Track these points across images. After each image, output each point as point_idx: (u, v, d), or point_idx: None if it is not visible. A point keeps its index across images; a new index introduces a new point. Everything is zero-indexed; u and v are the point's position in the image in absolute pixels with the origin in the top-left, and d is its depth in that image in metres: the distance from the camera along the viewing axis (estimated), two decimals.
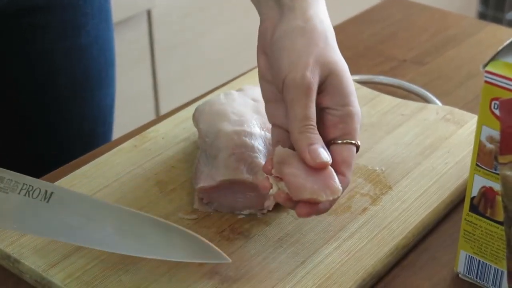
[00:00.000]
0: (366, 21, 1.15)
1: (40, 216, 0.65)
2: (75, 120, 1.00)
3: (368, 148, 0.83)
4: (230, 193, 0.73)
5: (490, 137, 0.60)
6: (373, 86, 0.95)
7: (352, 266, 0.68)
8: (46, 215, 0.65)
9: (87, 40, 0.96)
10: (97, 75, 1.00)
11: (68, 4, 0.93)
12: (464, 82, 0.99)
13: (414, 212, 0.74)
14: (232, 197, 0.73)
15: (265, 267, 0.68)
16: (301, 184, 0.64)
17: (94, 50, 0.98)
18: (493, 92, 0.59)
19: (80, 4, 0.94)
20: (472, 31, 1.12)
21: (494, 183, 0.61)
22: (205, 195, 0.73)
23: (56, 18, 0.92)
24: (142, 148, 0.83)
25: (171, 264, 0.68)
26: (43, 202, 0.65)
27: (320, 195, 0.63)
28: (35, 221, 0.66)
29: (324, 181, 0.64)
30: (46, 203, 0.65)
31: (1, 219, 0.66)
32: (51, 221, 0.65)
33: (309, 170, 0.64)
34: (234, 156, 0.72)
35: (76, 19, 0.94)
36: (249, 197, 0.73)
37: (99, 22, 0.97)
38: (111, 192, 0.77)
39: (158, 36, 1.77)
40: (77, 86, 0.98)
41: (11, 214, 0.66)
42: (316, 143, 0.64)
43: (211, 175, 0.73)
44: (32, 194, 0.65)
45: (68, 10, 0.93)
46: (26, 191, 0.65)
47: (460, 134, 0.85)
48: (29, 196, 0.65)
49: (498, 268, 0.65)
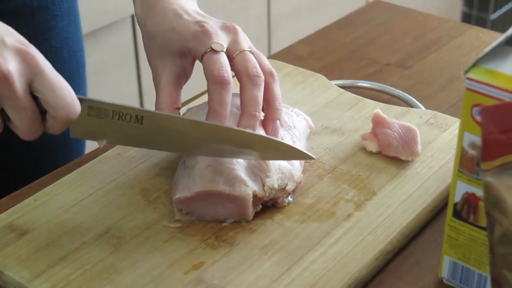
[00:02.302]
0: (349, 25, 1.16)
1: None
2: None
3: (352, 154, 0.83)
4: (208, 204, 0.73)
5: (472, 143, 0.61)
6: (356, 91, 0.96)
7: (337, 272, 0.68)
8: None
9: (57, 42, 0.96)
10: (69, 77, 0.99)
11: (38, 7, 0.93)
12: (447, 85, 1.00)
13: (399, 217, 0.74)
14: (212, 208, 0.73)
15: (250, 274, 0.68)
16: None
17: (64, 52, 0.98)
18: (474, 99, 0.59)
19: (49, 6, 0.94)
20: (455, 33, 1.13)
21: (477, 189, 0.62)
22: (183, 205, 0.73)
23: (26, 21, 0.92)
24: (126, 156, 0.83)
25: (156, 273, 0.68)
26: (138, 124, 0.71)
27: None
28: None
29: None
30: (140, 125, 0.71)
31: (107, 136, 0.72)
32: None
33: None
34: (211, 167, 0.73)
35: (45, 22, 0.94)
36: (228, 207, 0.73)
37: (68, 24, 0.97)
38: (95, 200, 0.77)
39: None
40: None
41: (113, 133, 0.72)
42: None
43: (188, 186, 0.73)
44: (125, 118, 0.71)
45: (37, 13, 0.93)
46: (118, 116, 0.71)
47: (444, 138, 0.85)
48: (123, 120, 0.71)
49: (482, 273, 0.65)
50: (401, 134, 0.81)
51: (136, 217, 0.74)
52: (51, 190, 0.78)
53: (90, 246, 0.71)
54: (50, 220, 0.74)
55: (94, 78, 1.60)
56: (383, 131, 0.82)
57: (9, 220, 0.74)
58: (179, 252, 0.70)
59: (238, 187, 0.72)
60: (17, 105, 0.65)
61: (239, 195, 0.72)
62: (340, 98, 0.93)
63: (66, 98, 0.67)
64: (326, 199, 0.76)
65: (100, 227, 0.73)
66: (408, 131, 0.82)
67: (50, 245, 0.71)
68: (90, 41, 1.57)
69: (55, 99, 0.66)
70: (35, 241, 0.72)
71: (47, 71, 0.66)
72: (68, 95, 0.67)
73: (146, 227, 0.73)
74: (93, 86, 1.52)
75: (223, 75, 0.72)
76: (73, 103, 0.67)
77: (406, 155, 0.81)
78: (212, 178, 0.72)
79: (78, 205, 0.76)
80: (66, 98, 0.67)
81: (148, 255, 0.70)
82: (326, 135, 0.86)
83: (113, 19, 1.68)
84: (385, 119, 0.83)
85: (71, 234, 0.73)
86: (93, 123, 0.71)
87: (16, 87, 0.64)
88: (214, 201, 0.73)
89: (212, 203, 0.73)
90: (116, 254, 0.70)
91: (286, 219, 0.74)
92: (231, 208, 0.73)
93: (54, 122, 0.68)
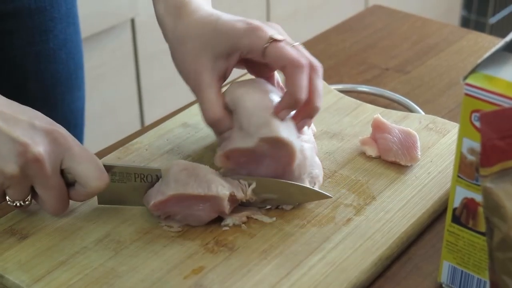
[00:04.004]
0: (348, 30, 1.16)
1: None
2: None
3: (351, 158, 0.83)
4: (184, 206, 0.73)
5: (471, 149, 0.61)
6: (356, 95, 0.96)
7: (336, 277, 0.68)
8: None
9: (55, 44, 0.96)
10: (67, 79, 1.00)
11: (36, 9, 0.93)
12: (446, 90, 1.00)
13: (398, 223, 0.74)
14: (188, 210, 0.73)
15: (250, 279, 0.68)
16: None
17: (62, 54, 0.98)
18: (473, 105, 0.59)
19: (47, 9, 0.94)
20: (454, 38, 1.13)
21: (476, 195, 0.62)
22: (159, 211, 0.74)
23: (24, 23, 0.93)
24: (126, 160, 0.83)
25: (155, 278, 0.68)
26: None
27: None
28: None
29: None
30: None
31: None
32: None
33: None
34: (186, 171, 0.73)
35: (43, 24, 0.95)
36: (202, 207, 0.73)
37: (67, 26, 0.98)
38: (95, 204, 0.77)
39: (142, 44, 1.77)
40: (47, 90, 0.99)
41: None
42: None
43: (161, 190, 0.73)
44: (146, 179, 0.75)
45: (35, 15, 0.93)
46: (140, 178, 0.74)
47: (443, 143, 0.85)
48: (145, 181, 0.75)
49: (481, 279, 0.65)
50: (401, 139, 0.82)
51: (135, 221, 0.75)
52: None
53: (90, 251, 0.71)
54: (50, 225, 0.74)
55: (93, 82, 1.61)
56: (383, 136, 0.82)
57: (9, 224, 0.75)
58: (178, 256, 0.70)
59: (215, 188, 0.72)
60: (47, 184, 0.71)
61: (215, 195, 0.72)
62: (340, 103, 0.93)
63: (95, 171, 0.71)
64: (326, 204, 0.76)
65: (99, 231, 0.73)
66: (408, 136, 0.82)
67: (50, 249, 0.72)
68: (89, 45, 1.57)
69: (85, 172, 0.71)
70: (35, 245, 0.72)
71: (76, 147, 0.71)
72: (97, 167, 0.72)
73: (146, 231, 0.73)
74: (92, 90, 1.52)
75: (300, 59, 0.72)
76: (102, 175, 0.72)
77: (406, 160, 0.81)
78: (187, 181, 0.73)
79: (77, 210, 0.76)
80: (96, 171, 0.71)
81: (148, 260, 0.70)
82: (325, 140, 0.86)
83: (112, 23, 1.68)
84: (385, 124, 0.83)
85: (71, 238, 0.73)
86: (117, 187, 0.74)
87: (47, 167, 0.69)
88: (189, 204, 0.73)
89: (188, 205, 0.73)
90: (116, 258, 0.70)
91: (285, 223, 0.74)
92: (206, 207, 0.73)
93: (83, 192, 0.72)
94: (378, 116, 0.84)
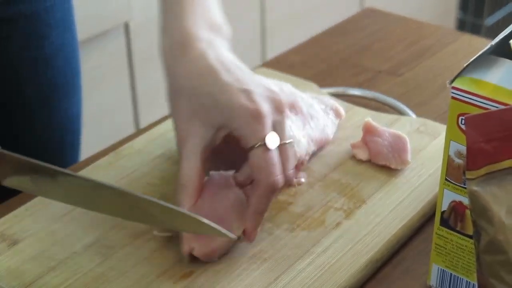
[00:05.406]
0: (342, 33, 1.16)
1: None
2: (43, 130, 1.00)
3: (342, 162, 0.83)
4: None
5: (458, 152, 0.61)
6: (347, 99, 0.96)
7: (325, 281, 0.68)
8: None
9: (51, 50, 0.96)
10: (63, 84, 1.00)
11: (31, 15, 0.93)
12: (439, 92, 1.00)
13: (388, 226, 0.74)
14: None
15: (239, 283, 0.68)
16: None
17: (59, 60, 0.98)
18: (460, 108, 0.59)
19: (43, 14, 0.94)
20: (448, 41, 1.13)
21: (463, 198, 0.62)
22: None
23: (19, 29, 0.93)
24: (117, 165, 0.83)
25: (145, 283, 0.68)
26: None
27: None
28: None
29: None
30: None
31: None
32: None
33: None
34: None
35: (39, 30, 0.95)
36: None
37: (63, 32, 0.98)
38: (86, 210, 0.76)
39: (136, 48, 1.77)
40: (44, 96, 0.99)
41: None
42: None
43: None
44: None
45: (31, 21, 0.93)
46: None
47: (434, 146, 0.85)
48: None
49: (470, 281, 0.65)
50: (391, 143, 0.82)
51: (125, 227, 0.74)
52: (42, 200, 0.78)
53: (80, 256, 0.71)
54: (40, 230, 0.74)
55: (88, 85, 1.60)
56: (373, 140, 0.82)
57: (0, 230, 0.75)
58: (168, 261, 0.70)
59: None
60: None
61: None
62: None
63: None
64: (316, 208, 0.76)
65: (90, 237, 0.73)
66: (398, 139, 0.82)
67: (40, 255, 0.72)
68: (83, 49, 1.57)
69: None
70: (25, 251, 0.72)
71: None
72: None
73: (136, 237, 0.73)
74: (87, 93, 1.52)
75: (277, 183, 0.67)
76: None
77: (396, 164, 0.81)
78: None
79: (68, 215, 0.76)
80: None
81: (138, 265, 0.70)
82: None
83: (107, 27, 1.68)
84: (376, 128, 0.83)
85: (61, 244, 0.73)
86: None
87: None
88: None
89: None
90: (106, 264, 0.70)
91: (275, 227, 0.74)
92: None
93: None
94: (369, 119, 0.84)
